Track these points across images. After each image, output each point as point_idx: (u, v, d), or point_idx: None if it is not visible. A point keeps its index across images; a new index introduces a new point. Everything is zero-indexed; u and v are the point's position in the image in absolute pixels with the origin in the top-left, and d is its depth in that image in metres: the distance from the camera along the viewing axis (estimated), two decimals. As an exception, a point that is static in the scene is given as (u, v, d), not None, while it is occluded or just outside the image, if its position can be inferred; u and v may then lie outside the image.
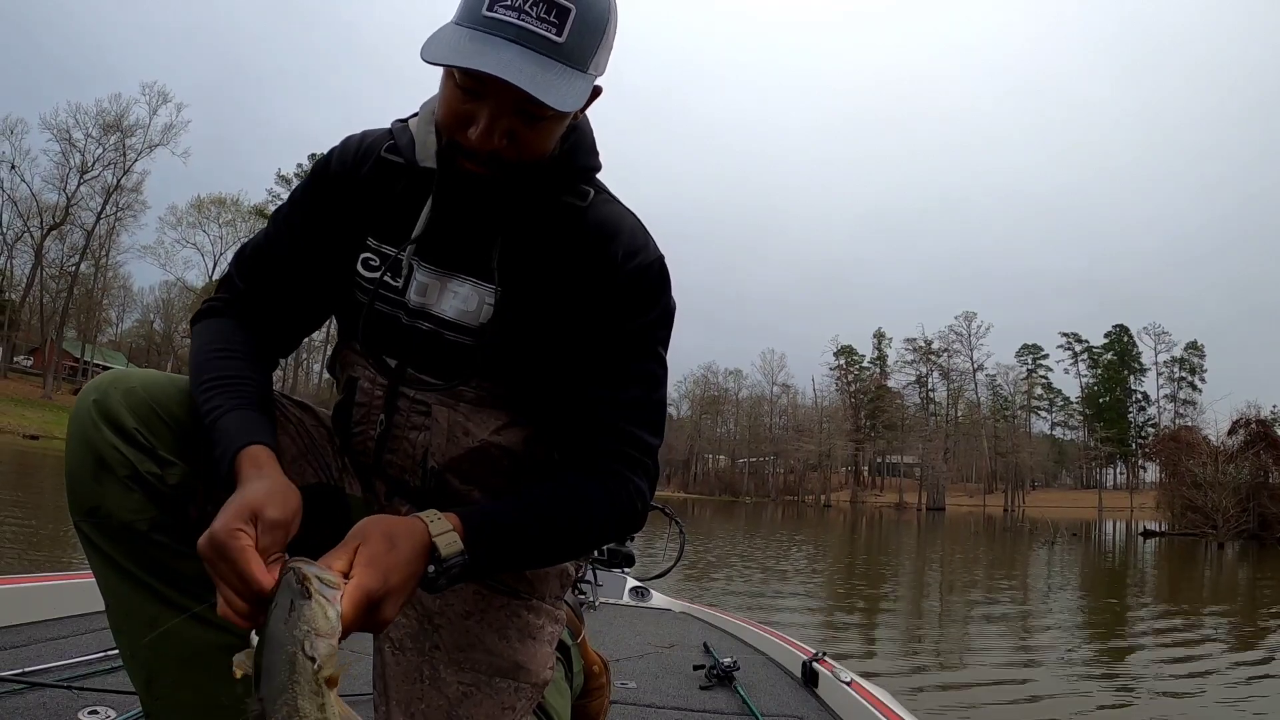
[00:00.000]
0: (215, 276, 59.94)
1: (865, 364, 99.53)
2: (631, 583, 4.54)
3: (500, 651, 1.15)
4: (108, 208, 59.90)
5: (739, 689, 2.67)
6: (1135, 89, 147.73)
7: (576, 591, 2.41)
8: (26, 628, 2.30)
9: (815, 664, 2.80)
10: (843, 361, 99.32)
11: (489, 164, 1.00)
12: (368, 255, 1.13)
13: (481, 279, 1.10)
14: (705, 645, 3.26)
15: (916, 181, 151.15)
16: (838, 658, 3.01)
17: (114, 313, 75.40)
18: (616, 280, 1.08)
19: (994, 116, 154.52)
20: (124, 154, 59.51)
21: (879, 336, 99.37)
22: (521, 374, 1.11)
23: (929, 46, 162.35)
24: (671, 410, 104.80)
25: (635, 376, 1.08)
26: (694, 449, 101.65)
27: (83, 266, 60.36)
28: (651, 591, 4.55)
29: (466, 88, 0.97)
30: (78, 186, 58.62)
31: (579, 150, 1.12)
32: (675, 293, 1.14)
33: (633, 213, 1.16)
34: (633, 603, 4.43)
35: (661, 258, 1.13)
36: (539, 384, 1.12)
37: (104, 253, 60.66)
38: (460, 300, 1.10)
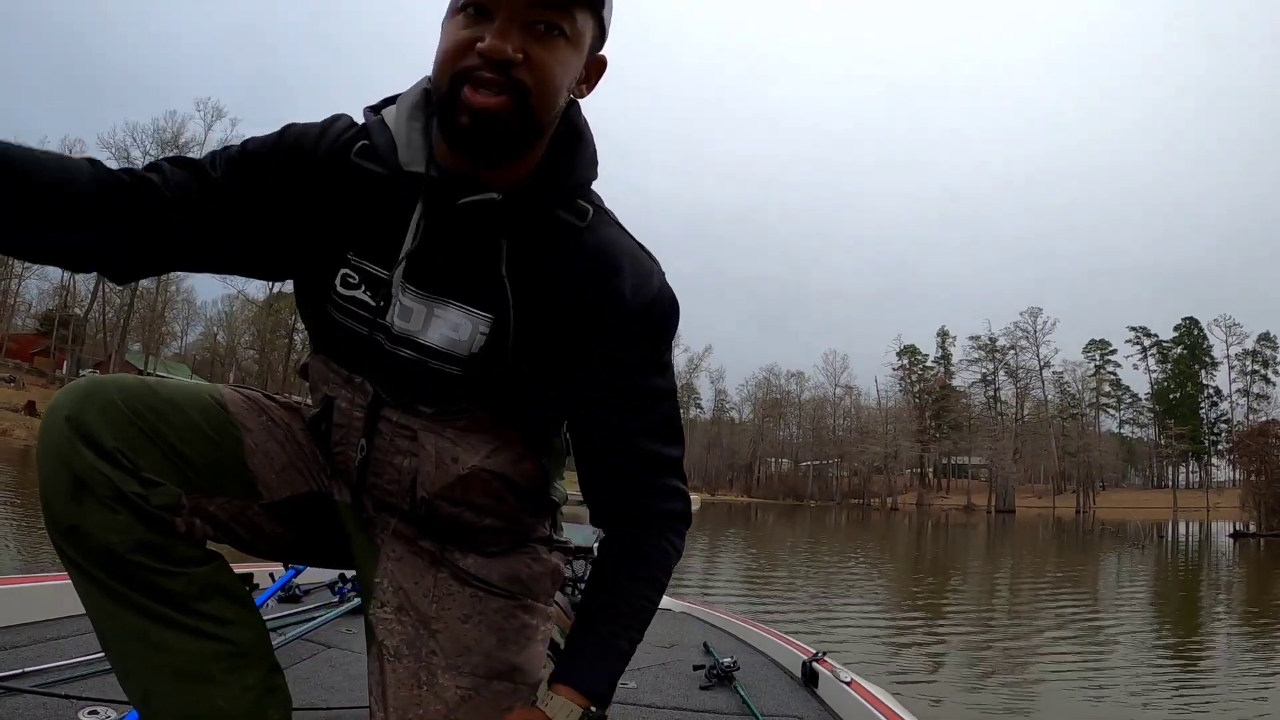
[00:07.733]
0: (275, 290, 62.07)
1: (929, 363, 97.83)
2: None
3: (497, 654, 1.12)
4: (167, 223, 62.35)
5: (739, 689, 2.61)
6: (1212, 71, 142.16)
7: (572, 591, 2.38)
8: (26, 628, 2.32)
9: (815, 664, 2.73)
10: (906, 361, 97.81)
11: (504, 89, 0.91)
12: (347, 272, 1.05)
13: (474, 306, 1.02)
14: (705, 645, 3.21)
15: (982, 178, 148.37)
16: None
17: (178, 326, 77.34)
18: (625, 314, 1.02)
19: (1062, 108, 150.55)
20: (181, 170, 62.28)
21: (943, 335, 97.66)
22: (512, 401, 1.06)
23: (995, 37, 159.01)
24: (733, 414, 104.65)
25: (657, 409, 1.09)
26: (756, 453, 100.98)
27: (144, 281, 62.10)
28: None
29: (473, 4, 0.92)
30: (136, 203, 61.43)
31: (579, 162, 1.04)
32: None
33: (630, 234, 1.08)
34: None
35: (664, 277, 1.07)
36: (531, 410, 1.08)
37: (165, 267, 62.69)
38: (449, 328, 1.02)
